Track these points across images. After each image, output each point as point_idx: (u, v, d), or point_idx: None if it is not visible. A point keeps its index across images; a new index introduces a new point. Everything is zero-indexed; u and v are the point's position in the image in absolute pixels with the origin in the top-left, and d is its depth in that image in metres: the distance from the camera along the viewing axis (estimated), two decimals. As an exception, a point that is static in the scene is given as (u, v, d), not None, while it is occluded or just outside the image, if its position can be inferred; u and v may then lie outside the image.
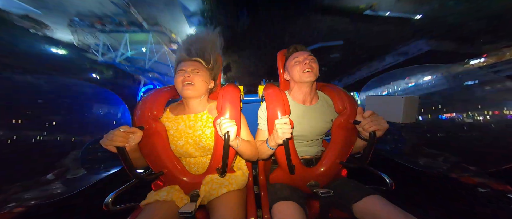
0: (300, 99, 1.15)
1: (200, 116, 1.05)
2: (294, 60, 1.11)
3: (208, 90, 1.08)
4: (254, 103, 1.62)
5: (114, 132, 0.76)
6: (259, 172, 1.28)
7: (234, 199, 0.96)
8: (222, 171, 0.90)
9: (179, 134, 1.02)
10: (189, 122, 1.03)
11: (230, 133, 0.79)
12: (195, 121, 1.03)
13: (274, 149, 0.96)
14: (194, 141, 1.01)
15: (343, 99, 1.11)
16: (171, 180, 0.98)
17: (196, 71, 0.99)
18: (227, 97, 0.98)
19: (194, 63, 1.01)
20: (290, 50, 1.18)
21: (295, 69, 1.09)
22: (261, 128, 1.12)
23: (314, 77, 1.07)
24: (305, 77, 1.06)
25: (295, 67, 1.09)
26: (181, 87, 0.97)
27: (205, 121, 1.04)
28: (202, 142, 1.01)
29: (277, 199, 0.93)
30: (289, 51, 1.18)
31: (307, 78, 1.06)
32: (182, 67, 0.99)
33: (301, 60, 1.08)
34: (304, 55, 1.10)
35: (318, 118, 1.13)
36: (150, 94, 1.06)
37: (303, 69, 1.06)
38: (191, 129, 1.02)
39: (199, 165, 1.04)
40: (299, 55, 1.11)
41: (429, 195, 1.92)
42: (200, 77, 0.99)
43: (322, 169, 1.05)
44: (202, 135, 1.01)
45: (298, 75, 1.08)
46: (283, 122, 0.83)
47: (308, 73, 1.05)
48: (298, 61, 1.09)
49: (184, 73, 0.97)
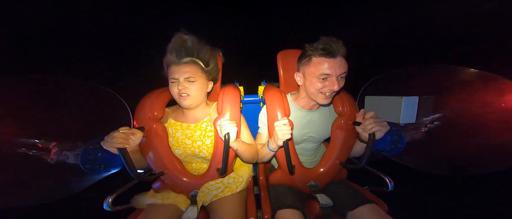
0: (305, 107, 1.07)
1: (200, 124, 1.00)
2: (319, 73, 0.82)
3: (207, 94, 1.02)
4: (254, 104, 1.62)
5: (114, 133, 0.77)
6: (259, 173, 1.29)
7: (234, 200, 0.97)
8: (222, 172, 0.91)
9: (177, 142, 0.99)
10: (187, 130, 0.99)
11: (231, 134, 0.79)
12: (194, 130, 0.99)
13: (275, 151, 0.96)
14: (193, 152, 0.98)
15: (343, 100, 1.11)
16: (172, 180, 0.98)
17: (191, 80, 0.86)
18: (228, 98, 0.98)
19: (187, 67, 0.86)
20: (318, 48, 0.82)
21: (315, 85, 0.85)
22: (261, 131, 1.11)
23: (330, 101, 0.90)
24: (320, 100, 0.89)
25: (315, 83, 0.85)
26: (177, 98, 0.90)
27: (204, 129, 0.99)
28: (203, 152, 0.97)
29: (281, 206, 0.91)
30: (317, 50, 0.83)
31: (322, 102, 0.89)
32: (173, 74, 0.85)
33: (329, 79, 0.83)
34: (337, 72, 0.81)
35: (320, 123, 1.09)
36: (151, 95, 1.06)
37: (325, 91, 0.85)
38: (190, 139, 0.98)
39: (200, 170, 1.04)
40: (330, 69, 0.80)
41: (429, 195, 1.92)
42: (197, 85, 0.88)
43: (321, 170, 1.05)
44: (202, 145, 0.97)
45: (314, 94, 0.88)
46: (282, 123, 0.83)
47: (326, 98, 0.87)
48: (326, 76, 0.82)
49: (177, 84, 0.86)
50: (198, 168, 1.05)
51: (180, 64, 0.86)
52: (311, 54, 0.86)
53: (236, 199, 0.97)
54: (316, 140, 1.12)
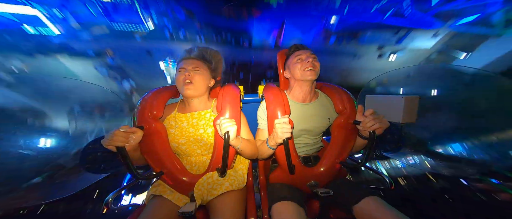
0: (299, 98, 1.14)
1: (204, 113, 1.06)
2: (296, 58, 1.09)
3: (209, 89, 1.09)
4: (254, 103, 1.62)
5: (114, 131, 0.76)
6: (259, 172, 1.29)
7: (234, 199, 0.96)
8: (222, 171, 0.90)
9: (181, 132, 1.03)
10: (192, 119, 1.05)
11: (230, 132, 0.79)
12: (198, 119, 1.05)
13: (274, 148, 0.96)
14: (196, 140, 1.02)
15: (343, 99, 1.11)
16: (171, 179, 0.98)
17: (197, 70, 1.00)
18: (227, 97, 0.98)
19: (195, 61, 1.02)
20: (291, 49, 1.17)
21: (297, 67, 1.08)
22: (261, 127, 1.13)
23: (316, 76, 1.06)
24: (306, 76, 1.05)
25: (296, 65, 1.08)
26: (181, 86, 0.98)
27: (208, 119, 1.05)
28: (204, 140, 1.01)
29: (276, 199, 0.92)
30: (291, 50, 1.17)
31: (309, 77, 1.04)
32: (183, 65, 1.00)
33: (304, 58, 1.07)
34: (307, 54, 1.08)
35: (316, 115, 1.14)
36: (150, 94, 1.06)
37: (305, 67, 1.05)
38: (194, 128, 1.03)
39: (200, 164, 1.04)
40: (302, 53, 1.09)
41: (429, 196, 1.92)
42: (201, 75, 1.00)
43: (322, 169, 1.05)
44: (204, 133, 1.02)
45: (299, 73, 1.07)
46: (283, 121, 0.83)
47: (310, 72, 1.04)
48: (300, 59, 1.08)
49: (184, 72, 0.98)
50: (198, 161, 1.05)
51: (190, 58, 1.03)
52: (289, 54, 1.17)
53: (235, 198, 0.97)
54: (312, 133, 1.15)
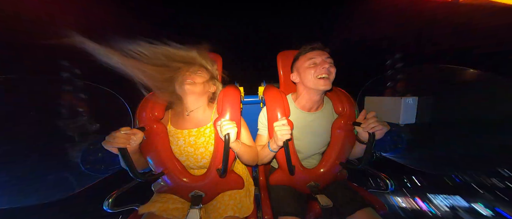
0: (305, 107, 1.05)
1: (203, 130, 0.99)
2: (309, 61, 0.94)
3: (209, 96, 1.05)
4: (253, 105, 1.63)
5: (115, 133, 0.77)
6: (259, 173, 1.29)
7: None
8: (222, 172, 0.91)
9: (179, 150, 0.98)
10: (190, 137, 0.98)
11: (231, 134, 0.79)
12: (197, 137, 0.98)
13: (276, 151, 0.96)
14: (196, 160, 0.98)
15: (342, 100, 1.11)
16: (172, 180, 0.98)
17: (199, 73, 0.97)
18: (228, 99, 0.98)
19: (197, 66, 0.98)
20: (306, 49, 0.99)
21: (309, 73, 0.93)
22: (261, 133, 1.10)
23: (330, 86, 0.93)
24: (319, 85, 0.92)
25: (309, 70, 0.93)
26: (181, 84, 0.94)
27: (208, 135, 0.99)
28: (206, 158, 0.97)
29: (282, 212, 0.92)
30: (305, 50, 0.99)
31: (322, 87, 0.91)
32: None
33: (319, 62, 0.92)
34: (323, 57, 0.93)
35: (322, 127, 1.07)
36: (151, 95, 1.07)
37: (319, 74, 0.91)
38: (192, 147, 0.98)
39: (200, 173, 1.04)
40: (317, 56, 0.93)
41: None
42: (202, 78, 0.97)
43: (322, 170, 1.05)
44: (205, 152, 0.97)
45: (312, 81, 0.93)
46: (282, 123, 0.83)
47: (324, 81, 0.91)
48: (314, 63, 0.93)
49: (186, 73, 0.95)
50: (199, 173, 1.04)
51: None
52: (300, 54, 1.01)
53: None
54: (319, 146, 1.10)
